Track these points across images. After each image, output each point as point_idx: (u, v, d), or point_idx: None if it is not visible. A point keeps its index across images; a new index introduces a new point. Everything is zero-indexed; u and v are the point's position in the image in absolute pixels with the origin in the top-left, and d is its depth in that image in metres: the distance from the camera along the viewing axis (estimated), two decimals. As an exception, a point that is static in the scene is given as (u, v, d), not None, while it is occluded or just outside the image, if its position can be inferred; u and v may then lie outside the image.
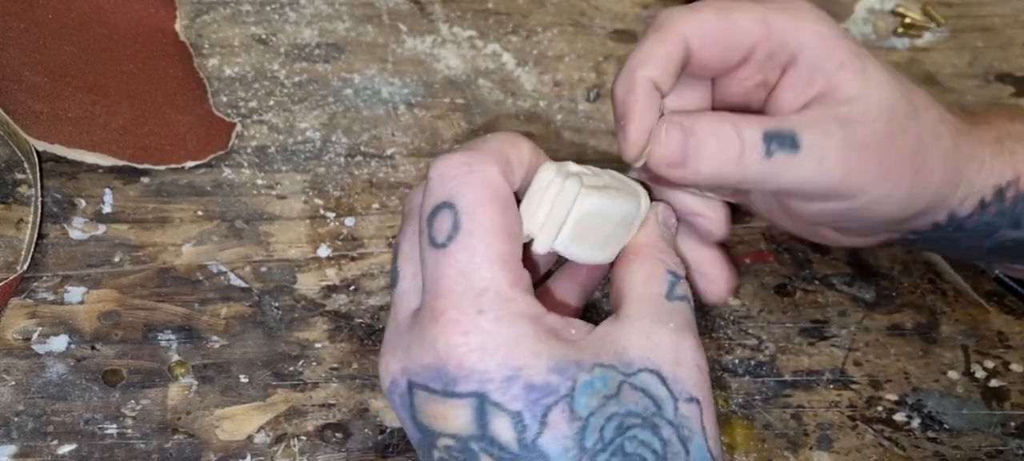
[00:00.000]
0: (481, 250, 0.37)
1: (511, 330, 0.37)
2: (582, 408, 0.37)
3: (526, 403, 0.36)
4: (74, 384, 0.48)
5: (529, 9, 0.68)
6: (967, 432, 0.52)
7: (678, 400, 0.38)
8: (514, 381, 0.36)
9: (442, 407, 0.37)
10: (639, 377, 0.38)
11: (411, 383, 0.38)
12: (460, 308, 0.37)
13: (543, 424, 0.36)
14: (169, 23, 0.62)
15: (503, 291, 0.37)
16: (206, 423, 0.47)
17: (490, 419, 0.36)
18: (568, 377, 0.37)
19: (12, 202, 0.53)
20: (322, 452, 0.47)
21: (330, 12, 0.65)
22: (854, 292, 0.57)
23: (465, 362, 0.36)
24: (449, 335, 0.36)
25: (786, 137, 0.42)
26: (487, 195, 0.38)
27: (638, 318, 0.40)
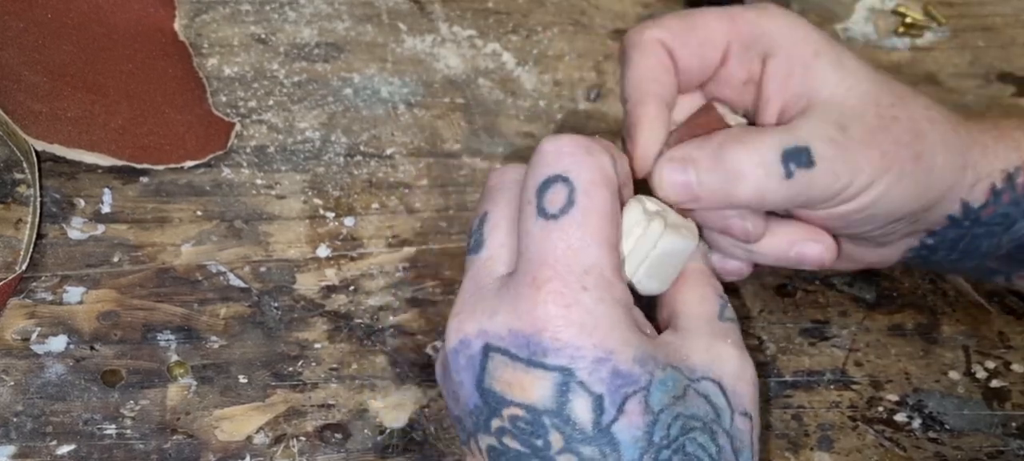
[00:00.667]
0: (593, 229, 0.38)
1: (610, 313, 0.38)
2: (656, 403, 0.37)
3: (610, 387, 0.37)
4: (73, 384, 0.47)
5: (529, 9, 0.68)
6: (968, 432, 0.52)
7: (735, 412, 0.40)
8: (604, 363, 0.37)
9: (523, 376, 0.37)
10: (702, 384, 0.39)
11: (488, 346, 0.38)
12: (565, 281, 0.37)
13: (620, 411, 0.37)
14: (168, 23, 0.62)
15: (606, 274, 0.38)
16: (205, 423, 0.47)
17: (571, 396, 0.37)
18: (648, 371, 0.38)
19: (11, 202, 0.53)
20: (321, 452, 0.47)
21: (330, 11, 0.65)
22: (855, 292, 0.57)
23: (562, 334, 0.37)
24: (550, 305, 0.37)
25: (802, 152, 0.43)
26: (602, 178, 0.39)
27: (698, 333, 0.41)
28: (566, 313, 0.37)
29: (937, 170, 0.46)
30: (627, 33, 0.47)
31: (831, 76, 0.45)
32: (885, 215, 0.46)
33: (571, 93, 0.63)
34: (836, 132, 0.44)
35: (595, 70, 0.65)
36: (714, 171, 0.43)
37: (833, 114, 0.44)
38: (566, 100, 0.63)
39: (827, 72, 0.45)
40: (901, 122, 0.45)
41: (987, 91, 0.68)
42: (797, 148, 0.43)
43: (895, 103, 0.45)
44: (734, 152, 0.43)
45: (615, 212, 0.39)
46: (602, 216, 0.38)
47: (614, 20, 0.68)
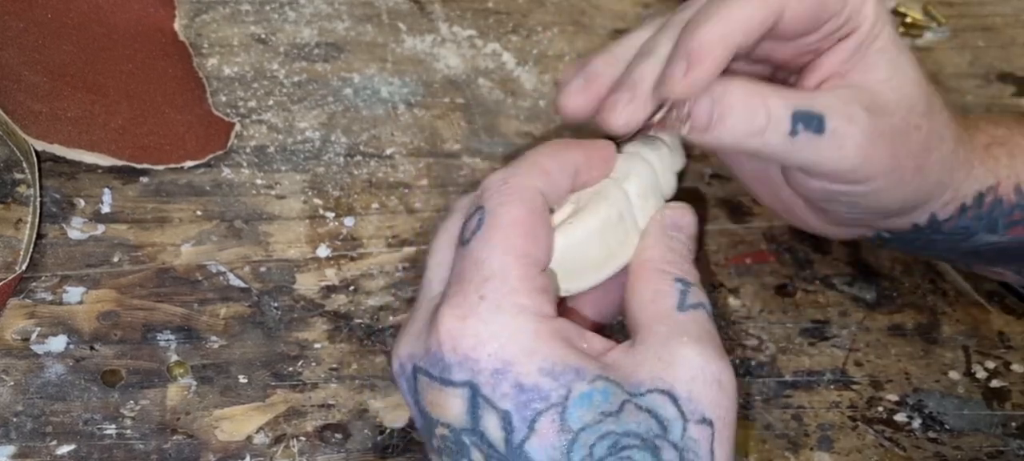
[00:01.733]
0: (496, 241, 0.37)
1: (508, 321, 0.36)
2: (574, 421, 0.36)
3: (515, 403, 0.36)
4: (73, 384, 0.47)
5: (529, 8, 0.68)
6: (968, 432, 0.52)
7: (689, 421, 0.37)
8: (503, 376, 0.36)
9: (439, 394, 0.37)
10: (647, 398, 0.37)
11: (415, 368, 0.38)
12: (464, 292, 0.37)
13: (531, 429, 0.36)
14: (168, 22, 0.62)
15: (509, 281, 0.37)
16: (205, 423, 0.47)
17: (482, 413, 0.36)
18: (562, 385, 0.36)
19: (11, 202, 0.53)
20: (321, 452, 0.47)
21: (329, 11, 0.65)
22: (855, 292, 0.57)
23: (458, 347, 0.36)
24: (448, 318, 0.37)
25: (813, 118, 0.42)
26: (514, 198, 0.38)
27: (651, 340, 0.38)
28: (462, 325, 0.36)
29: (928, 186, 0.47)
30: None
31: (883, 69, 0.44)
32: (866, 207, 0.46)
33: (571, 93, 0.63)
34: (861, 113, 0.43)
35: (595, 70, 0.65)
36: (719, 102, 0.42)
37: (866, 98, 0.44)
38: (566, 100, 0.63)
39: (881, 63, 0.44)
40: (921, 133, 0.45)
41: (987, 91, 0.68)
42: (810, 111, 0.42)
43: (924, 113, 0.45)
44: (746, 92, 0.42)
45: (530, 222, 0.38)
46: (508, 227, 0.38)
47: (614, 20, 0.68)
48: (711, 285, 0.56)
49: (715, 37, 0.41)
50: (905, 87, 0.45)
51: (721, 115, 0.42)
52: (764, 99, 0.42)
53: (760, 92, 0.42)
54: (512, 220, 0.38)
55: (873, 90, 0.44)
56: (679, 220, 0.43)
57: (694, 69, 0.41)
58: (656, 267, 0.41)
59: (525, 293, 0.37)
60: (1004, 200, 0.49)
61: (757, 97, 0.42)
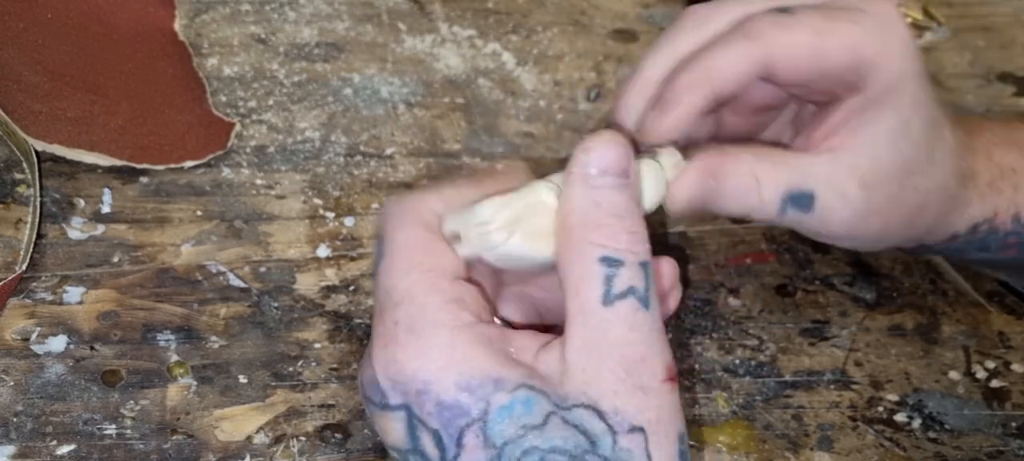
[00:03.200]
0: (396, 264, 0.37)
1: (422, 342, 0.36)
2: (496, 436, 0.34)
3: (441, 422, 0.35)
4: (73, 384, 0.47)
5: (529, 9, 0.68)
6: (968, 432, 0.52)
7: (618, 434, 0.35)
8: (426, 396, 0.35)
9: (383, 419, 0.37)
10: (573, 413, 0.35)
11: (366, 396, 0.38)
12: (383, 322, 0.37)
13: (459, 446, 0.35)
14: (168, 23, 0.62)
15: (417, 300, 0.36)
16: (205, 423, 0.47)
17: (419, 434, 0.36)
18: (480, 398, 0.35)
19: (11, 202, 0.53)
20: (321, 452, 0.47)
21: (329, 11, 0.65)
22: (855, 292, 0.57)
23: (387, 373, 0.36)
24: (375, 349, 0.37)
25: (803, 197, 0.42)
26: (406, 219, 0.38)
27: (575, 343, 0.36)
28: (385, 353, 0.36)
29: (919, 232, 0.47)
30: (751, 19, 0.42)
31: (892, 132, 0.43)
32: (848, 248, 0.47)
33: (571, 93, 0.63)
34: (855, 190, 0.42)
35: (595, 70, 0.65)
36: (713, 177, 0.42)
37: (864, 166, 0.43)
38: (566, 100, 0.63)
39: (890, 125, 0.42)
40: (918, 194, 0.44)
41: (987, 91, 0.68)
42: (802, 193, 0.42)
43: (925, 171, 0.44)
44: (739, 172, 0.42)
45: (426, 238, 0.38)
46: (405, 247, 0.37)
47: (614, 20, 0.68)
48: (711, 285, 0.56)
49: (691, 84, 0.41)
50: (907, 150, 0.43)
51: (713, 189, 0.42)
52: (756, 178, 0.42)
53: (754, 170, 0.42)
54: (407, 240, 0.38)
55: (874, 156, 0.43)
56: (605, 160, 0.36)
57: (666, 116, 0.41)
58: (580, 239, 0.36)
59: (435, 308, 0.36)
60: (1000, 229, 0.49)
61: (749, 177, 0.42)
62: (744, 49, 0.41)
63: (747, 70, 0.41)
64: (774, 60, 0.41)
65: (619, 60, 0.66)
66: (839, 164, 0.43)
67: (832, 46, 0.41)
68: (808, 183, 0.42)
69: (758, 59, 0.41)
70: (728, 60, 0.41)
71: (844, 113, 0.43)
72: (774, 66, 0.41)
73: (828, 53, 0.41)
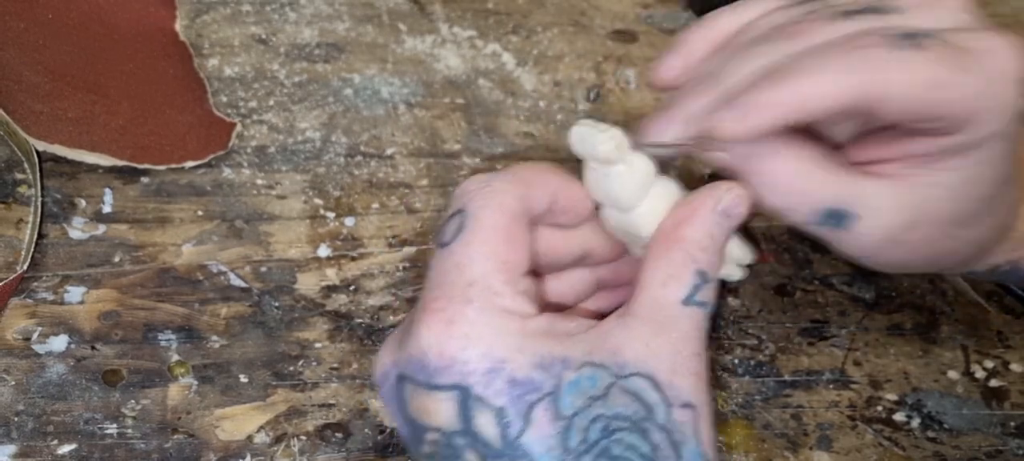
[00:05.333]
0: (478, 246, 0.38)
1: (496, 322, 0.37)
2: (567, 407, 0.36)
3: (510, 398, 0.36)
4: (74, 384, 0.48)
5: (529, 9, 0.68)
6: (967, 432, 0.52)
7: (673, 406, 0.37)
8: (497, 374, 0.36)
9: (427, 400, 0.37)
10: (631, 381, 0.37)
11: (400, 375, 0.38)
12: (449, 297, 0.37)
13: (527, 421, 0.36)
14: (169, 23, 0.62)
15: (492, 285, 0.37)
16: (206, 423, 0.47)
17: (474, 414, 0.36)
18: (553, 374, 0.36)
19: (12, 202, 0.53)
20: (322, 452, 0.47)
21: (330, 12, 0.65)
22: (854, 292, 0.57)
23: (446, 351, 0.36)
24: (433, 323, 0.37)
25: (843, 216, 0.39)
26: (494, 203, 0.38)
27: (643, 320, 0.38)
28: (448, 329, 0.36)
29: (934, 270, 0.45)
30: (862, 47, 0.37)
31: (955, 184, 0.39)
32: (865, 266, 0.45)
33: (571, 94, 0.63)
34: (897, 223, 0.40)
35: (595, 70, 0.65)
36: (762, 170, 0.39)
37: (916, 205, 0.40)
38: (566, 101, 0.63)
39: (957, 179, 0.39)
40: (956, 243, 0.42)
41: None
42: (845, 212, 0.39)
43: (970, 224, 0.41)
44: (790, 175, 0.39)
45: (511, 229, 0.38)
46: (489, 232, 0.38)
47: (614, 20, 0.68)
48: (711, 285, 0.56)
49: (779, 102, 0.37)
50: (966, 204, 0.40)
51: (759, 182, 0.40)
52: (804, 186, 0.39)
53: (804, 177, 0.39)
54: (493, 225, 0.38)
55: (932, 198, 0.40)
56: (733, 208, 0.40)
57: (746, 122, 0.37)
58: (686, 250, 0.39)
59: (509, 297, 0.37)
60: (1022, 268, 0.47)
61: (798, 183, 0.39)
62: (851, 81, 0.37)
63: (848, 104, 0.37)
64: (882, 100, 0.37)
65: (619, 60, 0.66)
66: (894, 194, 0.40)
67: (946, 98, 0.37)
68: (855, 205, 0.39)
69: (864, 96, 0.37)
70: (828, 88, 0.37)
71: (918, 146, 0.39)
72: (881, 106, 0.37)
73: (939, 105, 0.37)
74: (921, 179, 0.40)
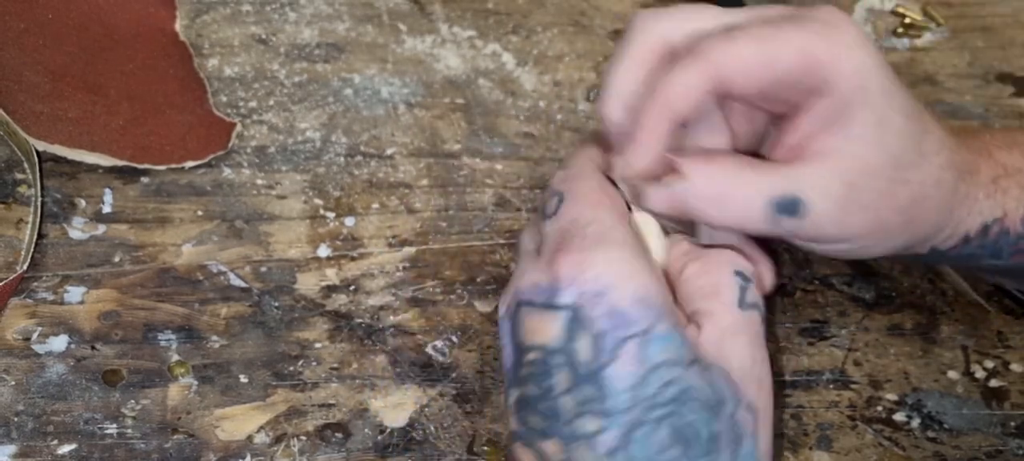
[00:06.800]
0: (583, 202, 0.41)
1: (611, 251, 0.39)
2: (654, 354, 0.38)
3: (609, 325, 0.38)
4: (74, 384, 0.48)
5: (529, 9, 0.68)
6: (967, 432, 0.52)
7: (740, 404, 0.39)
8: (601, 298, 0.38)
9: (540, 319, 0.39)
10: (712, 370, 0.39)
11: (519, 302, 0.40)
12: (568, 237, 0.40)
13: (615, 354, 0.38)
14: (169, 23, 0.62)
15: (607, 223, 0.40)
16: (206, 423, 0.47)
17: (577, 333, 0.38)
18: (650, 315, 0.38)
19: (12, 202, 0.53)
20: (322, 452, 0.47)
21: (330, 12, 0.65)
22: (854, 292, 0.57)
23: (567, 272, 0.39)
24: (560, 254, 0.39)
25: (792, 203, 0.42)
26: (581, 177, 0.42)
27: (712, 326, 0.41)
28: (570, 257, 0.39)
29: (924, 231, 0.46)
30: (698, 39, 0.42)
31: (867, 129, 0.42)
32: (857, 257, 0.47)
33: (571, 93, 0.63)
34: (840, 189, 0.42)
35: (595, 70, 0.65)
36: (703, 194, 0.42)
37: (846, 170, 0.42)
38: (566, 100, 0.63)
39: (865, 123, 0.42)
40: (910, 186, 0.44)
41: (986, 91, 0.68)
42: (788, 199, 0.42)
43: (914, 163, 0.44)
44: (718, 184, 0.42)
45: (602, 188, 0.42)
46: (588, 193, 0.41)
47: (614, 20, 0.68)
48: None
49: (652, 113, 0.42)
50: (891, 144, 0.43)
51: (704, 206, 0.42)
52: (739, 189, 0.42)
53: (735, 181, 0.42)
54: (588, 189, 0.41)
55: (854, 155, 0.43)
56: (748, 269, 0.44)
57: (637, 150, 0.42)
58: (719, 256, 0.43)
59: (623, 232, 0.40)
60: (1011, 231, 0.48)
61: (736, 188, 0.42)
62: (696, 70, 0.41)
63: (703, 90, 0.42)
64: (726, 75, 0.41)
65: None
66: (822, 168, 0.42)
67: (781, 53, 0.41)
68: (793, 188, 0.42)
69: (711, 77, 0.41)
70: (682, 83, 0.41)
71: (816, 118, 0.43)
72: (728, 82, 0.42)
73: (778, 60, 0.41)
74: (836, 143, 0.43)
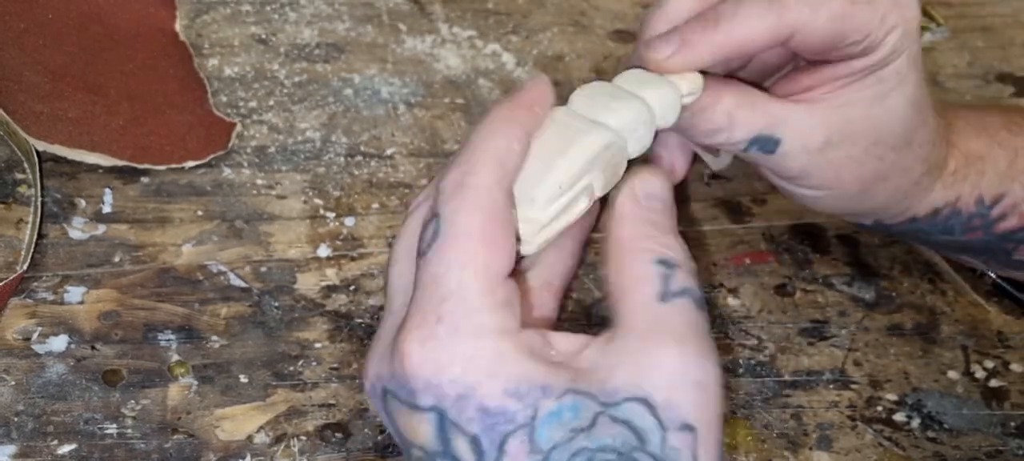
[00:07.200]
0: (452, 255, 0.35)
1: (469, 344, 0.34)
2: (544, 441, 0.34)
3: (482, 427, 0.34)
4: (74, 384, 0.48)
5: (529, 9, 0.68)
6: (967, 432, 0.52)
7: (668, 430, 0.34)
8: (467, 401, 0.34)
9: (409, 418, 0.35)
10: (622, 408, 0.34)
11: (385, 389, 0.36)
12: (423, 314, 0.35)
13: (501, 452, 0.34)
14: (169, 23, 0.62)
15: (468, 299, 0.35)
16: (206, 423, 0.47)
17: (451, 437, 0.34)
18: (528, 404, 0.34)
19: (12, 202, 0.53)
20: (322, 452, 0.47)
21: (330, 12, 0.65)
22: (854, 292, 0.57)
23: (420, 373, 0.35)
24: (408, 342, 0.35)
25: (770, 141, 0.45)
26: (469, 202, 0.36)
27: (629, 337, 0.36)
28: (421, 349, 0.35)
29: (873, 205, 0.48)
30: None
31: (871, 99, 0.45)
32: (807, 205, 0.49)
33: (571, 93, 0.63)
34: (819, 141, 0.45)
35: (595, 71, 0.65)
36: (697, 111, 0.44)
37: (836, 124, 0.45)
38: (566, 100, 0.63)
39: (872, 92, 0.45)
40: (882, 164, 0.46)
41: (986, 91, 0.68)
42: (768, 137, 0.44)
43: (895, 147, 0.46)
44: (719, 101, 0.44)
45: (490, 228, 0.35)
46: (465, 237, 0.35)
47: (614, 20, 0.68)
48: (711, 285, 0.56)
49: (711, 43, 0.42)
50: (884, 121, 0.45)
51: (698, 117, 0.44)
52: (730, 118, 0.44)
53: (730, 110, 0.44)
54: (469, 228, 0.35)
55: (848, 118, 0.45)
56: (651, 188, 0.39)
57: (680, 54, 0.42)
58: (633, 247, 0.37)
59: (487, 311, 0.35)
60: (963, 211, 0.50)
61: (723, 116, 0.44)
62: (770, 21, 0.42)
63: (768, 41, 0.43)
64: (796, 34, 0.43)
65: (619, 60, 0.66)
66: (811, 115, 0.45)
67: (851, 28, 0.43)
68: (777, 129, 0.44)
69: (781, 33, 0.42)
70: (752, 28, 0.42)
71: (832, 71, 0.45)
72: (794, 39, 0.43)
73: (846, 35, 0.43)
74: (836, 99, 0.45)
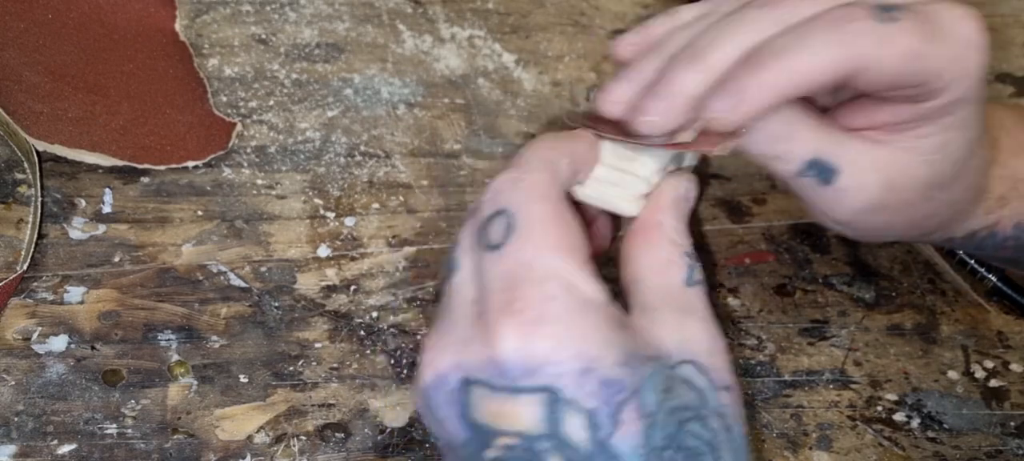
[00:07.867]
0: (538, 239, 0.36)
1: (583, 319, 0.35)
2: (650, 403, 0.35)
3: (602, 399, 0.35)
4: (74, 384, 0.48)
5: (529, 9, 0.68)
6: (967, 432, 0.52)
7: (718, 389, 0.37)
8: (589, 375, 0.35)
9: (506, 404, 0.35)
10: (681, 369, 0.37)
11: (467, 380, 0.36)
12: (528, 298, 0.35)
13: (616, 422, 0.35)
14: (169, 23, 0.62)
15: (570, 276, 0.36)
16: (206, 423, 0.47)
17: (563, 416, 0.34)
18: (635, 371, 0.35)
19: (12, 202, 0.53)
20: (322, 452, 0.47)
21: (330, 12, 0.65)
22: (854, 292, 0.57)
23: (534, 352, 0.35)
24: (515, 324, 0.35)
25: (828, 169, 0.41)
26: (537, 194, 0.37)
27: (664, 309, 0.38)
28: (536, 329, 0.35)
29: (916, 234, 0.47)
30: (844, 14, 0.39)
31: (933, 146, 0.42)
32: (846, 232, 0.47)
33: (571, 93, 0.64)
34: (876, 184, 0.42)
35: (595, 70, 0.65)
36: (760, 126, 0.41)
37: (896, 169, 0.42)
38: (566, 100, 0.63)
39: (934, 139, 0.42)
40: (931, 204, 0.44)
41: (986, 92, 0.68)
42: (828, 164, 0.41)
43: (945, 186, 0.44)
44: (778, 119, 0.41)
45: (561, 214, 0.37)
46: (545, 223, 0.36)
47: (614, 20, 0.68)
48: (711, 285, 0.56)
49: (768, 84, 0.39)
50: (941, 166, 0.43)
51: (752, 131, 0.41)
52: (793, 136, 0.41)
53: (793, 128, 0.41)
54: (544, 216, 0.37)
55: (909, 163, 0.42)
56: (689, 193, 0.42)
57: (742, 109, 0.39)
58: (669, 237, 0.40)
59: (586, 286, 0.36)
60: (999, 234, 0.48)
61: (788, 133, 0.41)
62: (835, 55, 0.38)
63: (833, 78, 0.39)
64: (864, 72, 0.39)
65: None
66: (874, 156, 0.42)
67: (921, 68, 0.39)
68: (837, 158, 0.41)
69: (848, 70, 0.38)
70: (814, 64, 0.38)
71: (894, 110, 0.42)
72: (860, 77, 0.39)
73: (915, 75, 0.40)
74: (900, 144, 0.42)
